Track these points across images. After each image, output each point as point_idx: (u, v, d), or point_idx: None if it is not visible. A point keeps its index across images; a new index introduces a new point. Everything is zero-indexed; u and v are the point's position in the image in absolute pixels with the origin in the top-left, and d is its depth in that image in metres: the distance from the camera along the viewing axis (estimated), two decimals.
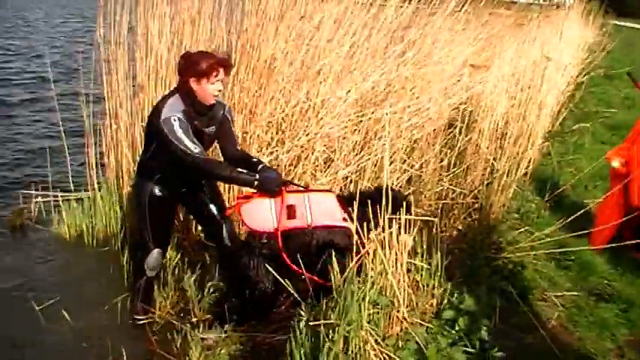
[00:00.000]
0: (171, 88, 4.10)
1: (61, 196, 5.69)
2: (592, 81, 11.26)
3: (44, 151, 6.60)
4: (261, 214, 3.73)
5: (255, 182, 3.63)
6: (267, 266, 3.68)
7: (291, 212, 3.72)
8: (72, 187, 5.76)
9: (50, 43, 13.71)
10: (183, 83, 3.80)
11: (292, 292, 3.25)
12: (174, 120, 3.61)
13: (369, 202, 3.36)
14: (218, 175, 3.83)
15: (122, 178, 5.50)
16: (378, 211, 3.21)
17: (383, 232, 3.16)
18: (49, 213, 5.77)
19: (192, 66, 3.75)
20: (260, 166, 3.83)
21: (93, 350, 4.00)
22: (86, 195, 5.66)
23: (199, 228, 4.99)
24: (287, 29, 5.19)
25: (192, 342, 3.84)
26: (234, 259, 4.02)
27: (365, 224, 3.21)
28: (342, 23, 5.65)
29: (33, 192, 5.91)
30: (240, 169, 3.73)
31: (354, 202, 3.26)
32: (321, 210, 3.77)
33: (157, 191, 3.96)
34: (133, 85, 5.44)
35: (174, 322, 4.19)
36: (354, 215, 3.22)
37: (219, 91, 3.88)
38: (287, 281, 3.44)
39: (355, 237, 3.18)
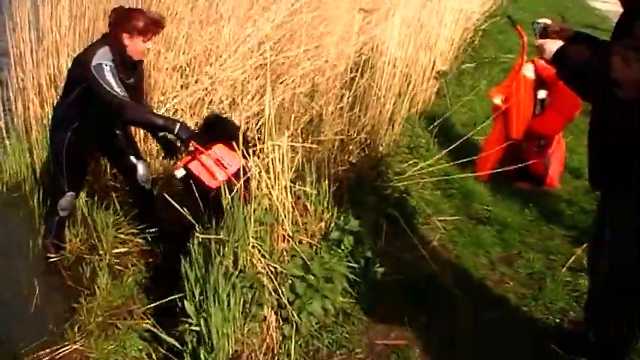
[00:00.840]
0: (96, 39, 4.19)
1: None
2: (495, 28, 11.66)
3: None
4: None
5: (177, 126, 3.72)
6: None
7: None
8: None
9: None
10: (114, 36, 3.90)
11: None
12: (106, 65, 3.73)
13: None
14: (141, 118, 3.88)
15: (30, 124, 5.60)
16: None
17: (267, 157, 3.46)
18: None
19: (128, 22, 3.85)
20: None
21: (7, 287, 4.18)
22: None
23: (108, 172, 5.20)
24: None
25: (101, 272, 4.11)
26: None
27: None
28: None
29: None
30: (162, 116, 3.92)
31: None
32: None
33: (74, 140, 4.08)
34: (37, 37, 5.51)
35: (83, 255, 4.43)
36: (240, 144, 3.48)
37: (148, 49, 4.04)
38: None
39: (242, 162, 3.44)
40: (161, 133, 4.21)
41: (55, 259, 4.41)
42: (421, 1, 7.17)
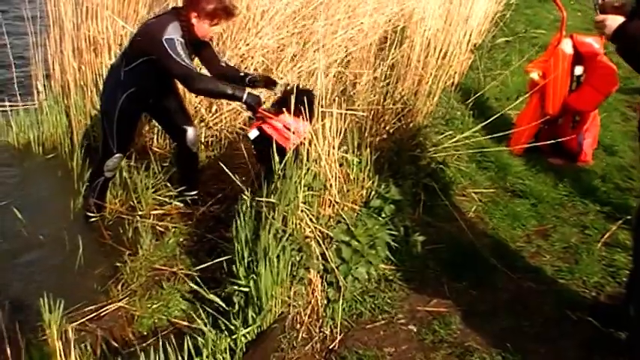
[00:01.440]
0: (167, 10, 4.19)
1: (9, 106, 5.79)
2: (524, 3, 11.60)
3: None
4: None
5: (245, 95, 3.76)
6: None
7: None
8: (18, 97, 5.85)
9: None
10: (185, 13, 3.93)
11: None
12: (177, 40, 3.78)
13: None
14: (212, 88, 3.89)
15: (68, 87, 5.65)
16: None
17: (317, 123, 3.52)
18: None
19: (199, 4, 3.89)
20: (248, 78, 4.10)
21: (49, 245, 4.30)
22: (32, 104, 5.82)
23: (145, 134, 5.28)
24: None
25: (143, 232, 4.19)
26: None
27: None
28: None
29: None
30: (230, 85, 3.87)
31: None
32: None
33: (127, 103, 4.14)
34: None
35: (124, 216, 4.51)
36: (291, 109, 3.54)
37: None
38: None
39: (293, 127, 3.50)
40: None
41: (96, 219, 4.49)
42: None
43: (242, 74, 4.17)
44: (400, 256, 3.88)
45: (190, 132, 4.53)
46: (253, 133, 3.78)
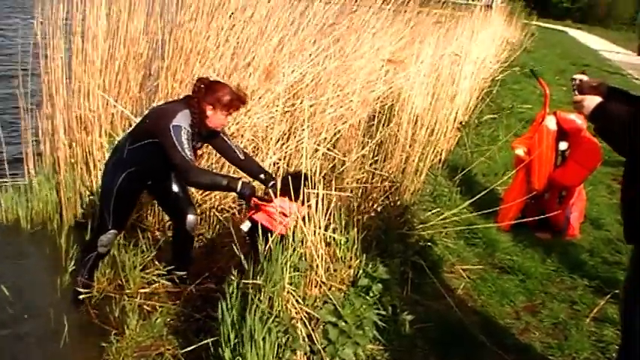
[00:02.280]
0: (178, 98, 4.32)
1: None
2: (511, 78, 11.85)
3: None
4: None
5: (239, 185, 3.80)
6: None
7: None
8: (7, 173, 5.88)
9: None
10: (197, 104, 3.99)
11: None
12: (184, 129, 3.82)
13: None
14: (205, 181, 3.96)
15: (59, 164, 5.69)
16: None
17: (302, 205, 3.55)
18: None
19: (214, 94, 3.96)
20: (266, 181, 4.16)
21: (35, 321, 4.26)
22: (22, 181, 5.84)
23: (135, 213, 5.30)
24: (218, 23, 5.50)
25: (130, 312, 4.16)
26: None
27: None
28: (272, 18, 5.99)
29: None
30: (225, 176, 4.00)
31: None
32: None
33: (127, 183, 4.14)
34: (69, 78, 5.65)
35: (112, 295, 4.48)
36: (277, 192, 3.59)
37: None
38: None
39: (279, 209, 3.54)
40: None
41: (83, 296, 4.44)
42: (442, 52, 7.33)
43: (263, 175, 4.23)
44: (388, 336, 3.86)
45: (191, 217, 4.55)
46: (246, 225, 3.82)
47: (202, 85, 4.04)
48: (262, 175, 4.22)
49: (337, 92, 6.08)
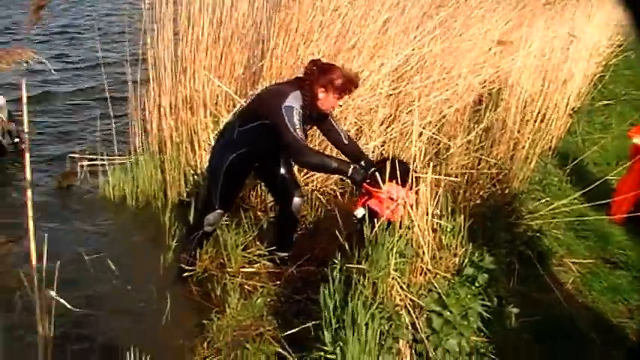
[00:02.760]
0: (289, 79, 4.34)
1: (107, 160, 5.99)
2: (623, 63, 11.28)
3: (91, 116, 6.93)
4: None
5: (350, 170, 3.78)
6: None
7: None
8: (116, 151, 6.04)
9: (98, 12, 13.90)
10: (309, 85, 3.95)
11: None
12: (296, 110, 3.81)
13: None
14: (317, 162, 3.93)
15: (164, 142, 5.80)
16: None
17: (411, 190, 3.45)
18: (95, 176, 6.05)
19: (327, 77, 3.91)
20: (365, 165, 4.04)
21: (138, 296, 4.36)
22: (129, 159, 5.98)
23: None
24: (324, 4, 5.43)
25: (231, 290, 4.18)
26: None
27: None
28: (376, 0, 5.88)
29: (78, 155, 6.20)
30: (336, 159, 3.95)
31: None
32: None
33: (236, 162, 4.13)
34: (175, 58, 5.72)
35: (213, 273, 4.52)
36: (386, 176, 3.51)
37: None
38: None
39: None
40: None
41: (187, 274, 4.50)
42: (553, 34, 7.03)
43: (363, 162, 4.10)
44: (493, 328, 3.71)
45: (297, 200, 4.50)
46: (360, 212, 3.76)
47: (315, 67, 3.98)
48: (363, 162, 4.12)
49: (443, 75, 5.92)
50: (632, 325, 4.08)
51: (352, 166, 3.77)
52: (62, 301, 2.40)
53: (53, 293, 2.34)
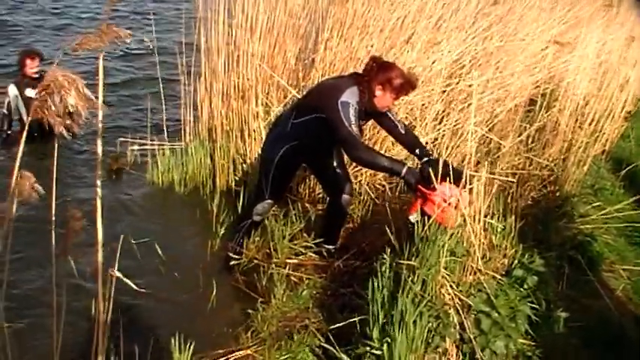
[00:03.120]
0: (347, 74, 4.29)
1: (157, 145, 6.03)
2: None
3: (143, 101, 7.00)
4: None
5: (404, 170, 3.70)
6: None
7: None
8: (166, 137, 6.08)
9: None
10: (367, 82, 3.92)
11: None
12: (352, 106, 3.78)
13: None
14: (370, 159, 3.85)
15: (215, 130, 5.82)
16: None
17: (464, 188, 3.42)
18: (144, 160, 6.09)
19: (386, 75, 3.87)
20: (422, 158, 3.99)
21: (185, 283, 4.39)
22: (179, 145, 6.02)
23: None
24: None
25: (278, 281, 4.20)
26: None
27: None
28: None
29: (129, 139, 6.27)
30: (390, 158, 3.90)
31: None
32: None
33: (288, 154, 4.14)
34: (228, 45, 5.74)
35: (260, 263, 4.54)
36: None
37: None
38: None
39: (439, 192, 3.43)
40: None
41: (234, 262, 4.53)
42: (610, 36, 6.92)
43: (419, 150, 4.06)
44: (541, 332, 3.67)
45: (347, 193, 4.50)
46: (414, 217, 3.71)
47: (375, 64, 3.94)
48: (417, 150, 4.06)
49: (496, 74, 5.85)
50: None
51: (406, 167, 3.72)
52: (127, 281, 2.41)
53: (119, 273, 2.36)
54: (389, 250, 3.37)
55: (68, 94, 2.02)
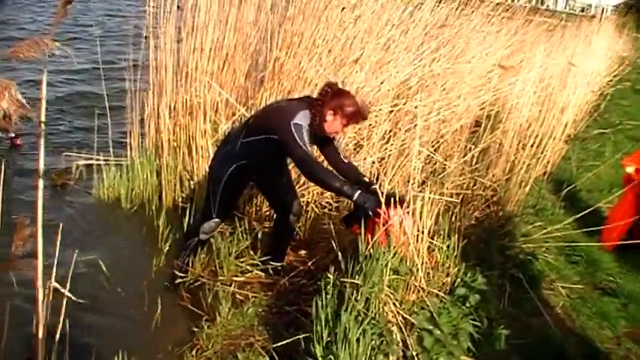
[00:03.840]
0: (298, 97, 4.36)
1: (102, 160, 5.95)
2: (619, 93, 11.40)
3: (89, 116, 6.90)
4: None
5: (356, 194, 3.73)
6: None
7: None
8: (112, 153, 6.01)
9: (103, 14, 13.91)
10: (319, 106, 3.94)
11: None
12: (304, 128, 3.82)
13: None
14: (326, 181, 3.87)
15: (161, 146, 5.78)
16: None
17: (407, 207, 3.48)
18: (90, 176, 5.99)
19: (339, 101, 3.90)
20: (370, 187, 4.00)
21: (129, 299, 4.33)
22: (125, 161, 5.95)
23: None
24: (328, 18, 5.46)
25: (222, 299, 4.18)
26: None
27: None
28: (381, 17, 5.91)
29: (74, 154, 6.16)
30: (345, 181, 3.88)
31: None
32: None
33: (236, 173, 4.14)
34: (177, 62, 5.73)
35: (205, 281, 4.51)
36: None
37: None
38: None
39: (383, 210, 3.48)
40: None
41: (179, 280, 4.49)
42: (552, 61, 7.11)
43: (365, 180, 4.10)
44: (483, 349, 3.72)
45: (295, 205, 4.53)
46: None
47: (330, 90, 3.98)
48: (359, 179, 4.09)
49: (443, 95, 5.96)
50: (619, 352, 4.10)
51: (358, 192, 3.74)
52: (65, 291, 2.39)
53: (57, 284, 2.34)
54: (332, 268, 3.40)
55: (1, 98, 2.03)
